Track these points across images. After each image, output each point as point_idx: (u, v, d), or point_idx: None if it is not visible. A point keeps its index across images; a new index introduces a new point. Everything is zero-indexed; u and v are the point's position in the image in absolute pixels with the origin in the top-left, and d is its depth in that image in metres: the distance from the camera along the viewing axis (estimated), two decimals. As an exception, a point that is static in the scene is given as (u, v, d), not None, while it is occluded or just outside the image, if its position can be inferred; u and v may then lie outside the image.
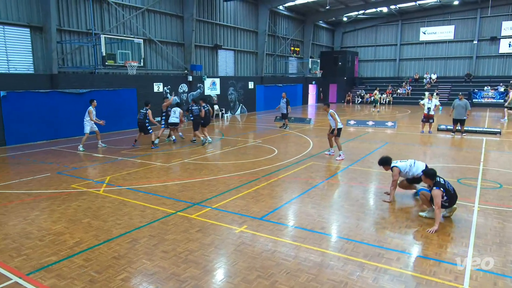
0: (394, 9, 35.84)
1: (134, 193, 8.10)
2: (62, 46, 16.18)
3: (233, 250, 5.33)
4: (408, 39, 38.70)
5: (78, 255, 5.18)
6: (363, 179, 9.19)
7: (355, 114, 26.57)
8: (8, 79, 14.16)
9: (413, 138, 15.51)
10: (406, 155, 12.13)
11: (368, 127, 19.25)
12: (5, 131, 14.09)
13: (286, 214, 6.90)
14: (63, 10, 16.05)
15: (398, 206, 7.23)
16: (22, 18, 14.62)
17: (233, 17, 26.13)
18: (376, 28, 40.19)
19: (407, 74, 39.17)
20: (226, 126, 20.94)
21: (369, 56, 41.13)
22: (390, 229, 6.07)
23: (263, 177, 9.32)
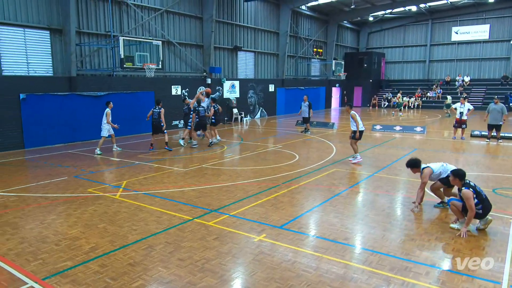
0: (424, 7, 35.21)
1: (151, 198, 8.22)
2: (81, 49, 16.68)
3: (251, 259, 5.32)
4: (438, 39, 37.93)
5: (93, 261, 5.29)
6: (390, 187, 9.02)
7: (381, 119, 26.18)
8: (27, 81, 14.69)
9: (444, 145, 15.13)
10: (436, 163, 11.84)
11: (395, 132, 18.92)
12: (24, 133, 14.59)
13: (307, 223, 6.84)
14: (82, 12, 16.56)
15: (427, 216, 7.05)
16: (42, 21, 15.17)
17: (253, 18, 26.30)
18: (404, 28, 39.60)
19: (437, 76, 38.36)
20: (245, 131, 21.02)
21: (397, 57, 40.53)
22: (419, 241, 5.92)
23: (284, 183, 9.29)
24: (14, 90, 14.17)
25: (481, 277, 4.83)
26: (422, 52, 38.95)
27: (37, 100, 14.84)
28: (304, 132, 18.65)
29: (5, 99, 13.97)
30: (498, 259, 5.32)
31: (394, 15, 38.01)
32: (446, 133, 18.20)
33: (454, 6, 35.15)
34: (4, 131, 14.05)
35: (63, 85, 15.82)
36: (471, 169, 10.75)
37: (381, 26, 40.20)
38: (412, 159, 7.58)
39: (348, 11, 33.63)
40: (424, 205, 7.64)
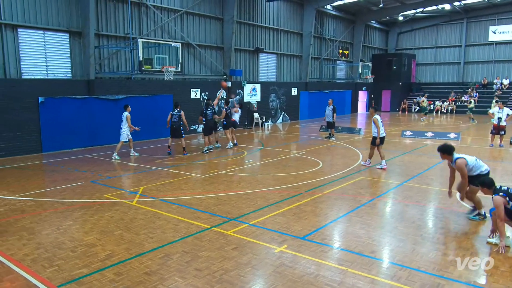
0: (459, 6, 34.47)
1: (168, 205, 8.32)
2: (99, 51, 17.14)
3: (271, 271, 5.29)
4: (474, 40, 37.04)
5: (109, 269, 5.38)
6: (421, 197, 8.82)
7: (412, 124, 25.70)
8: (46, 85, 15.19)
9: (481, 152, 14.70)
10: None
11: (426, 138, 18.53)
12: (42, 137, 15.06)
13: (331, 234, 6.76)
14: (101, 15, 17.04)
15: (462, 229, 6.85)
16: (62, 23, 15.69)
17: (276, 18, 26.41)
18: (436, 28, 38.89)
19: (473, 79, 37.41)
20: (266, 136, 21.04)
21: (429, 59, 39.80)
22: (452, 256, 5.75)
23: (306, 192, 9.23)
24: (33, 93, 14.68)
25: None
26: (457, 53, 38.10)
27: (55, 103, 15.31)
28: (328, 138, 18.51)
29: (24, 102, 14.48)
30: (541, 277, 5.11)
31: (426, 14, 37.40)
32: (483, 140, 17.67)
33: (491, 4, 34.28)
34: (23, 135, 14.55)
35: (81, 88, 16.28)
36: (509, 179, 10.40)
37: (411, 26, 39.61)
38: (446, 144, 7.43)
39: (376, 10, 33.33)
40: (458, 216, 7.43)
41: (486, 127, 22.60)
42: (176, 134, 14.29)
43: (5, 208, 8.17)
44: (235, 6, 21.97)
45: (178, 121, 14.14)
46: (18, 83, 14.43)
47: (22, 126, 14.51)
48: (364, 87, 37.16)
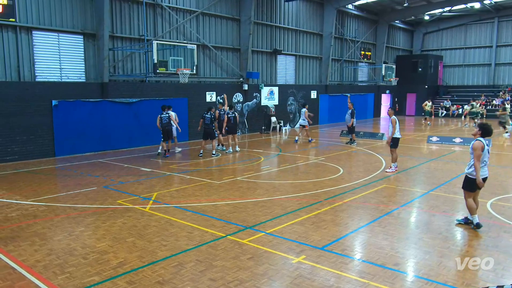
0: (489, 4, 33.84)
1: (182, 212, 8.37)
2: (113, 54, 17.46)
3: (288, 283, 5.26)
4: (506, 40, 36.28)
5: (121, 277, 5.44)
6: (448, 207, 8.65)
7: (439, 129, 25.28)
8: (60, 87, 15.54)
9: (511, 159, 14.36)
10: (504, 181, 11.25)
11: (454, 145, 18.19)
12: (55, 141, 15.40)
13: (352, 244, 6.69)
14: (116, 16, 17.37)
15: (493, 242, 6.68)
16: (76, 25, 16.06)
17: (294, 19, 26.44)
18: (465, 28, 38.28)
19: (505, 81, 36.61)
20: (284, 141, 21.00)
21: (457, 60, 39.17)
22: (483, 270, 5.61)
23: (326, 200, 9.16)
24: (46, 96, 15.05)
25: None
26: (487, 54, 37.38)
27: (69, 106, 15.64)
28: (349, 144, 18.37)
29: (38, 106, 14.85)
30: None
31: (454, 13, 36.85)
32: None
33: (525, 2, 33.58)
34: (36, 139, 14.90)
35: (95, 91, 16.59)
36: (546, 189, 10.11)
37: (438, 26, 39.08)
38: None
39: (400, 9, 33.02)
40: (489, 227, 7.25)
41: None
42: (211, 136, 15.19)
43: (17, 213, 8.36)
44: (252, 6, 22.09)
45: (211, 123, 15.05)
46: (32, 86, 14.81)
47: (35, 130, 14.87)
48: (388, 90, 36.77)
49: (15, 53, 14.50)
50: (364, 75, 34.86)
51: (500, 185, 10.67)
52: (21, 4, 14.43)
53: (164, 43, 17.10)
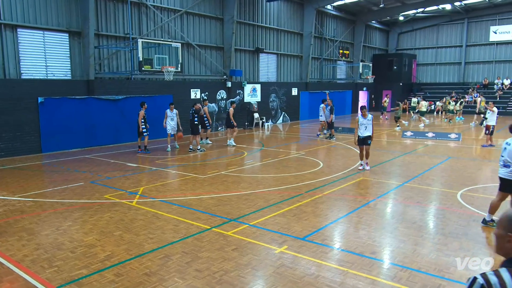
0: (459, 6, 34.47)
1: (168, 206, 8.32)
2: (99, 51, 17.15)
3: (271, 272, 5.29)
4: (475, 40, 37.06)
5: (109, 270, 5.38)
6: (421, 198, 8.82)
7: (413, 125, 25.70)
8: (46, 85, 15.20)
9: (481, 153, 14.71)
10: (473, 173, 11.54)
11: (427, 139, 18.53)
12: (42, 138, 15.07)
13: (331, 235, 6.76)
14: (101, 15, 17.05)
15: (463, 230, 6.85)
16: (61, 23, 15.70)
17: (276, 19, 26.42)
18: (437, 28, 38.91)
19: (474, 79, 37.43)
20: (266, 136, 21.03)
21: (429, 59, 39.81)
22: (454, 256, 5.75)
23: (307, 192, 9.23)
24: (32, 93, 14.70)
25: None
26: (457, 53, 38.11)
27: (55, 103, 15.32)
28: (328, 139, 18.52)
29: (24, 103, 14.50)
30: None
31: (427, 14, 37.42)
32: (484, 140, 17.67)
33: (492, 4, 34.30)
34: (22, 135, 14.56)
35: (81, 89, 16.28)
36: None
37: (412, 26, 39.63)
38: None
39: (376, 10, 33.35)
40: (459, 217, 7.43)
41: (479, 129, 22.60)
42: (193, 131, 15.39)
43: (4, 209, 8.17)
44: (235, 6, 21.98)
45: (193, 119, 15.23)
46: (18, 84, 14.44)
47: (21, 127, 14.52)
48: (365, 87, 37.15)
49: (0, 51, 14.10)
50: (343, 73, 35.13)
51: (469, 176, 10.93)
52: (5, 2, 14.03)
53: (149, 42, 16.88)
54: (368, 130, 11.46)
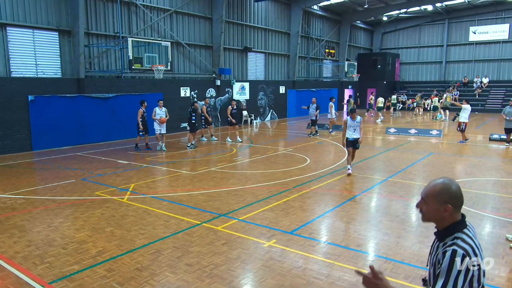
0: (440, 7, 34.88)
1: (158, 202, 8.27)
2: (89, 50, 16.91)
3: (260, 265, 5.31)
4: (455, 40, 37.55)
5: (100, 265, 5.33)
6: (404, 192, 8.93)
7: (396, 122, 25.96)
8: (36, 83, 14.94)
9: (461, 149, 14.94)
10: (453, 168, 11.72)
11: (410, 135, 18.75)
12: (32, 135, 14.83)
13: (318, 228, 6.80)
14: (91, 13, 16.80)
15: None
16: (51, 22, 15.43)
17: (264, 18, 26.38)
18: (419, 28, 39.30)
19: (454, 78, 37.95)
20: (255, 133, 21.04)
21: (412, 58, 40.22)
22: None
23: (294, 188, 9.27)
24: (22, 91, 14.43)
25: (501, 286, 4.75)
26: (439, 52, 38.58)
27: (45, 102, 15.07)
28: (312, 135, 18.58)
29: (14, 101, 14.23)
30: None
31: (409, 14, 37.76)
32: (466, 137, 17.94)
33: (472, 5, 34.77)
34: (13, 133, 14.30)
35: (71, 87, 16.05)
36: (490, 174, 10.59)
37: (395, 26, 39.96)
38: None
39: (361, 10, 33.52)
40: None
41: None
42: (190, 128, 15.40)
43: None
44: (223, 6, 21.87)
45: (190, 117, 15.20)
46: (8, 82, 14.16)
47: (12, 125, 14.26)
48: (350, 86, 37.38)
49: (-11, 49, 13.82)
50: (329, 71, 35.27)
51: (450, 171, 11.10)
52: (-6, 0, 13.73)
53: (139, 40, 16.72)
54: (356, 132, 10.68)
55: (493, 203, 8.02)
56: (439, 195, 2.17)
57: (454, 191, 2.16)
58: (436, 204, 2.18)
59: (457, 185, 2.18)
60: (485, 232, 6.52)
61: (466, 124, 16.26)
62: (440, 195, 2.17)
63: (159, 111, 14.56)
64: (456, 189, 2.17)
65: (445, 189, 2.17)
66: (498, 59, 35.63)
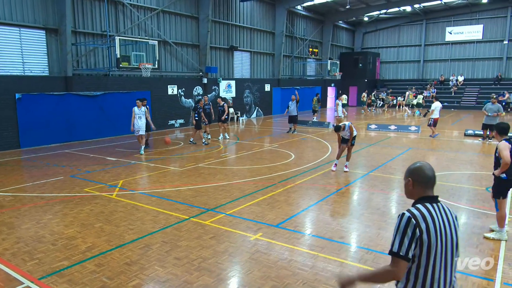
0: (418, 8, 35.36)
1: (147, 197, 8.20)
2: (77, 48, 16.58)
3: (247, 258, 5.32)
4: (433, 40, 38.12)
5: (90, 260, 5.26)
6: (384, 186, 9.05)
7: (377, 118, 26.27)
8: (23, 81, 14.59)
9: (438, 144, 15.21)
10: (430, 162, 11.92)
11: (390, 131, 18.99)
12: (20, 133, 14.49)
13: (303, 221, 6.85)
14: (78, 12, 16.46)
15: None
16: (38, 20, 15.07)
17: (249, 18, 26.29)
18: (399, 28, 39.75)
19: (431, 76, 38.55)
20: (241, 130, 21.01)
21: (392, 57, 40.68)
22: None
23: (280, 183, 9.30)
24: (9, 89, 14.08)
25: (475, 274, 4.87)
26: (417, 52, 39.11)
27: (32, 99, 14.74)
28: (291, 132, 18.49)
29: (1, 99, 13.88)
30: (492, 256, 5.36)
31: (389, 15, 38.14)
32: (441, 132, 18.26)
33: (448, 7, 35.32)
34: (0, 131, 13.95)
35: (59, 85, 15.73)
36: (465, 168, 10.82)
37: (376, 26, 40.32)
38: None
39: (343, 11, 33.70)
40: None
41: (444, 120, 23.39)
42: None
43: (-17, 204, 7.84)
44: (210, 6, 21.70)
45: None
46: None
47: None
48: (333, 84, 37.63)
49: (-25, 47, 13.43)
50: (312, 70, 35.42)
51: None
52: (-21, -2, 13.33)
53: (126, 39, 16.46)
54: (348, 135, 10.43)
55: (468, 195, 8.21)
56: (406, 171, 2.58)
57: (417, 168, 2.53)
58: (405, 179, 2.58)
59: (424, 165, 2.53)
60: (460, 223, 6.67)
61: (435, 119, 16.64)
62: (407, 171, 2.58)
63: (137, 111, 13.03)
64: (420, 166, 2.52)
65: (410, 166, 2.58)
66: (473, 58, 36.33)
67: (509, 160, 5.61)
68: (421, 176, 2.48)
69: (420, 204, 2.43)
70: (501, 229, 5.91)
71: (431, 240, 2.32)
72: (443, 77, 37.19)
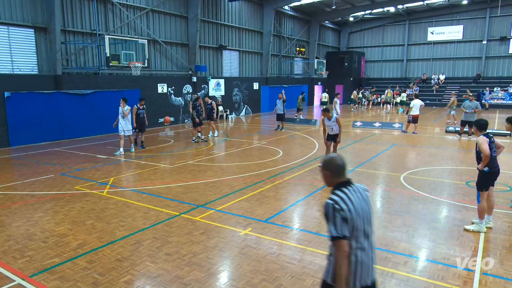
0: (402, 9, 35.71)
1: (138, 194, 8.14)
2: (66, 47, 16.31)
3: (237, 253, 5.34)
4: (415, 40, 38.55)
5: (81, 257, 5.21)
6: (369, 181, 9.15)
7: (362, 115, 26.50)
8: (12, 80, 14.30)
9: (421, 140, 15.42)
10: (413, 158, 12.09)
11: (374, 128, 19.18)
12: (9, 132, 14.21)
13: (291, 216, 6.89)
14: (67, 11, 16.18)
15: (406, 209, 7.19)
16: (26, 19, 14.76)
17: (237, 18, 26.19)
18: (383, 28, 40.09)
19: (414, 75, 39.02)
20: (230, 127, 20.98)
21: (376, 56, 41.02)
22: (397, 232, 6.04)
23: (268, 179, 9.32)
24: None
25: (456, 265, 4.96)
26: (400, 51, 39.52)
27: (22, 98, 14.47)
28: (279, 129, 18.56)
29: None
30: (471, 248, 5.48)
31: (374, 15, 38.42)
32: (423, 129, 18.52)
33: (430, 8, 35.75)
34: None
35: (48, 83, 15.46)
36: (446, 163, 11.00)
37: (361, 26, 40.58)
38: None
39: (329, 11, 33.82)
40: (402, 197, 7.79)
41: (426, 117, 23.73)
42: None
43: (-28, 202, 7.68)
44: (199, 5, 21.56)
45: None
46: (-17, 78, 13.49)
47: (-12, 121, 13.62)
48: (319, 82, 37.79)
49: (-38, 46, 13.08)
50: (299, 68, 35.50)
51: (410, 161, 11.46)
52: (-33, -4, 12.99)
53: (116, 38, 16.25)
54: (334, 130, 10.27)
55: (449, 190, 8.36)
56: (322, 165, 2.94)
57: (330, 160, 2.91)
58: (322, 172, 2.93)
59: (336, 156, 2.93)
60: (442, 216, 6.79)
61: (414, 116, 16.88)
62: (322, 164, 2.93)
63: (120, 109, 12.60)
64: (332, 157, 2.91)
65: (324, 159, 2.95)
66: (454, 57, 36.87)
67: (488, 152, 5.76)
68: (335, 166, 2.87)
69: (338, 190, 2.81)
70: (481, 221, 6.04)
71: (353, 216, 2.74)
72: (425, 76, 37.69)
